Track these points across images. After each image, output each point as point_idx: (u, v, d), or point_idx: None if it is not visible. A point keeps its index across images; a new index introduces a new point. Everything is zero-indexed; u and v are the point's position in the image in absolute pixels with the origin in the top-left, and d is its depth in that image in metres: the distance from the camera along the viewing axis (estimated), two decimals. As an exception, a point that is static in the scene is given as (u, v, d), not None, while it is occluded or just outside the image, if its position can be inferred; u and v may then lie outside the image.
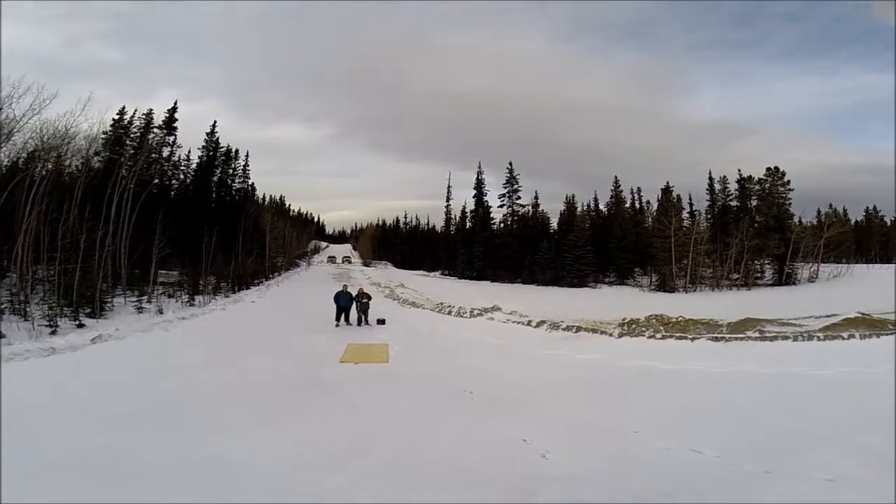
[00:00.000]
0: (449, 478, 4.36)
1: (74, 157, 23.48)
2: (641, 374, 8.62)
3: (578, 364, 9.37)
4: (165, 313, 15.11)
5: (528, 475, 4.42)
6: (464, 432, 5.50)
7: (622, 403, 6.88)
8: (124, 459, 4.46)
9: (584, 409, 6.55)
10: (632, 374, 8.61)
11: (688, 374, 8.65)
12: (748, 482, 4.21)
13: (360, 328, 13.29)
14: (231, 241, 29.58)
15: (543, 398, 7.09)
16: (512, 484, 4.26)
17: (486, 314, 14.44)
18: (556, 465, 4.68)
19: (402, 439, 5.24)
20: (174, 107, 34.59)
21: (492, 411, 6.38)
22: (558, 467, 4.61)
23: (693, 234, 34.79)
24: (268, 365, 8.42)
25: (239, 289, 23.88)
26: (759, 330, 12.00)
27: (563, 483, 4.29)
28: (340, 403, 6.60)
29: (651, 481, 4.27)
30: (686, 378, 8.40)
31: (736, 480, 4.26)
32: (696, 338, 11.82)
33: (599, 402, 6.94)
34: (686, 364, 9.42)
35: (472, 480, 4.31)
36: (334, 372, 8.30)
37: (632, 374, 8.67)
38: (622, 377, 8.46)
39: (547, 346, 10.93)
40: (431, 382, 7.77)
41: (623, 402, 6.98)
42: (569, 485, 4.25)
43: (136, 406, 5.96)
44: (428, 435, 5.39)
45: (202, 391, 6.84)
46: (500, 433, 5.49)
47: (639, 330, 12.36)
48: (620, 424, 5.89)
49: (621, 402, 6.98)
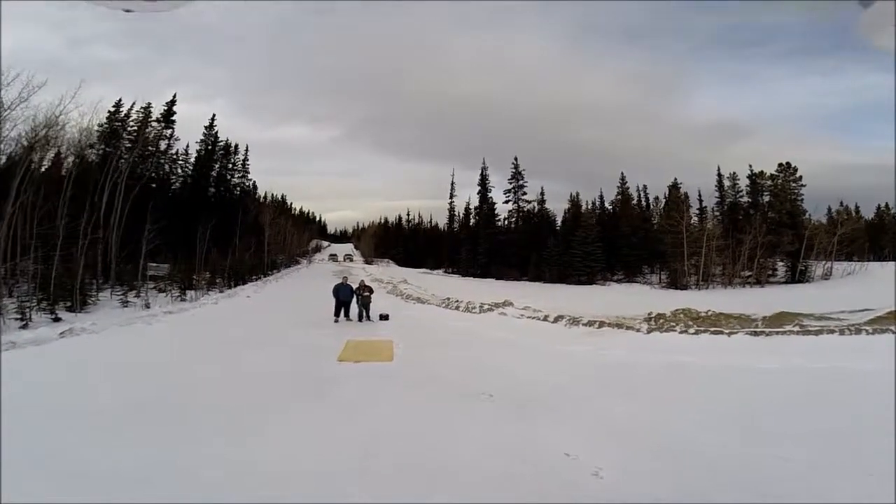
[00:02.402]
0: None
1: (67, 148, 22.59)
2: (680, 371, 7.59)
3: (607, 360, 8.29)
4: (152, 308, 14.10)
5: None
6: (491, 447, 4.40)
7: (668, 404, 5.89)
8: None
9: (627, 412, 5.50)
10: (670, 371, 7.58)
11: (731, 371, 7.68)
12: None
13: (361, 324, 12.22)
14: (229, 235, 28.61)
15: (576, 399, 6.04)
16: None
17: (497, 309, 13.34)
18: (618, 488, 3.59)
19: (413, 455, 4.16)
20: (173, 100, 33.60)
21: (520, 417, 5.30)
22: (622, 491, 3.53)
23: (705, 231, 33.64)
24: (253, 364, 7.33)
25: (235, 284, 22.89)
26: (799, 324, 10.96)
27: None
28: (337, 410, 5.52)
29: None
30: (730, 374, 7.46)
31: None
32: (732, 332, 10.76)
33: (642, 403, 5.91)
34: (726, 359, 8.45)
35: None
36: (331, 372, 7.21)
37: (669, 370, 7.64)
38: (660, 374, 7.42)
39: (568, 341, 9.84)
40: (443, 384, 6.69)
41: (669, 402, 5.98)
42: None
43: (77, 409, 4.89)
44: (446, 451, 4.29)
45: (169, 394, 5.76)
46: (536, 445, 4.42)
47: (668, 325, 11.29)
48: (676, 429, 4.90)
49: (667, 402, 5.99)
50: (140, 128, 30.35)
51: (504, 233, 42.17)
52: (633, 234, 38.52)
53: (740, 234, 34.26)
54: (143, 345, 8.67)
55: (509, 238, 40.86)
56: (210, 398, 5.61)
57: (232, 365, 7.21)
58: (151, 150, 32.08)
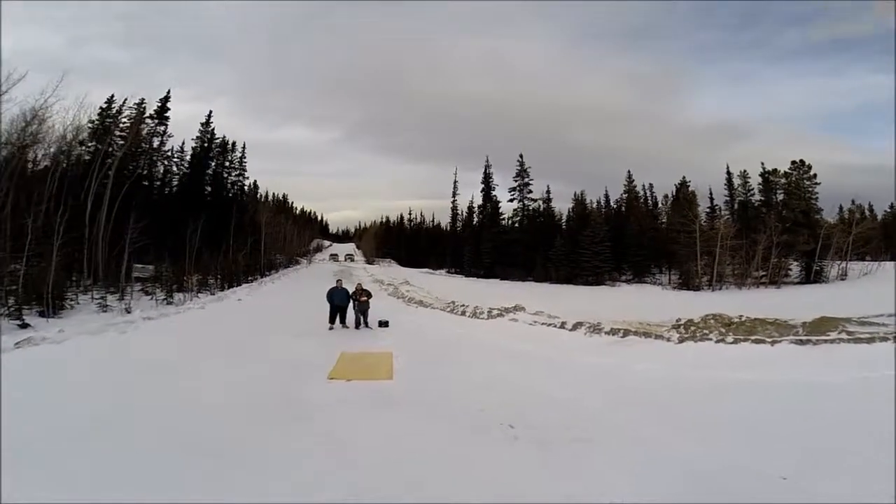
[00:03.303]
0: None
1: (49, 145, 21.56)
2: (734, 392, 6.42)
3: (642, 377, 7.12)
4: (133, 312, 12.99)
5: None
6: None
7: (735, 434, 4.78)
8: None
9: (687, 447, 4.38)
10: (721, 392, 6.40)
11: (792, 388, 6.56)
12: None
13: (358, 331, 11.07)
14: (223, 235, 27.51)
15: (617, 430, 4.91)
16: None
17: (507, 315, 12.18)
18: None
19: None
20: (167, 96, 32.56)
21: (552, 457, 4.20)
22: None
23: (720, 230, 32.38)
24: (223, 387, 6.17)
25: (229, 286, 21.77)
26: (844, 330, 9.80)
27: None
28: (321, 445, 4.39)
29: None
30: (794, 392, 6.32)
31: None
32: (775, 341, 9.60)
33: (702, 433, 4.81)
34: (778, 374, 7.32)
35: None
36: (320, 393, 6.06)
37: (720, 391, 6.47)
38: (711, 395, 6.25)
39: (591, 353, 8.66)
40: (453, 410, 5.54)
41: (735, 431, 4.87)
42: None
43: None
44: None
45: (118, 419, 4.64)
46: (578, 499, 3.28)
47: (701, 333, 10.12)
48: (760, 470, 3.76)
49: (731, 430, 4.89)
50: (133, 124, 29.31)
51: (508, 232, 40.98)
52: (643, 232, 37.30)
53: (753, 233, 33.13)
54: (103, 358, 7.53)
55: (514, 237, 39.68)
56: (161, 431, 4.48)
57: (199, 386, 6.06)
58: (144, 147, 31.04)
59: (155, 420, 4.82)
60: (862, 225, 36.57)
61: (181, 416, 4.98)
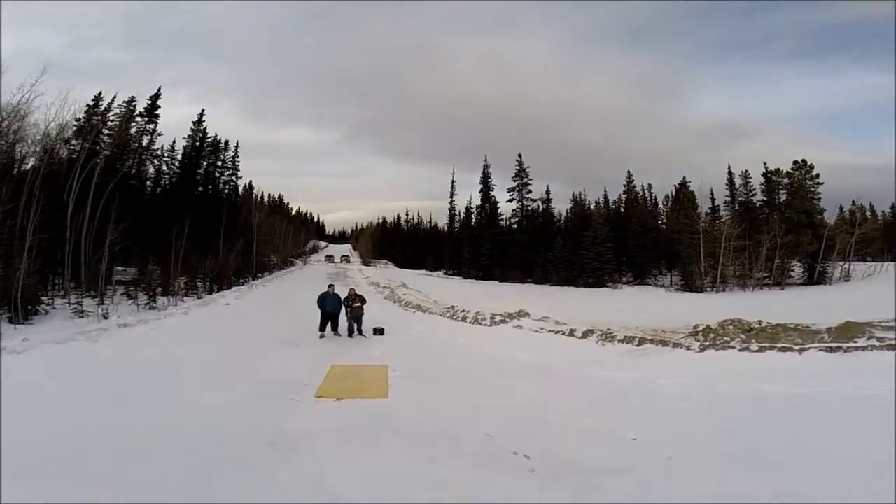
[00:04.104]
0: None
1: (33, 143, 20.70)
2: (778, 405, 5.72)
3: (669, 394, 6.35)
4: (110, 318, 12.13)
5: None
6: None
7: (806, 463, 3.98)
8: None
9: (751, 487, 3.60)
10: (765, 407, 5.68)
11: (846, 401, 5.84)
12: None
13: (350, 340, 10.26)
14: (213, 236, 26.61)
15: (659, 467, 4.13)
16: None
17: (511, 321, 11.40)
18: None
19: None
20: (157, 94, 31.66)
21: (581, 499, 3.41)
22: None
23: (724, 231, 31.75)
24: (197, 403, 5.39)
25: (219, 289, 20.89)
26: (874, 337, 9.13)
27: None
28: (303, 490, 3.60)
29: None
30: (852, 407, 5.57)
31: None
32: (802, 349, 8.91)
33: (759, 461, 4.05)
34: (818, 385, 6.68)
35: None
36: (304, 419, 5.25)
37: (764, 406, 5.74)
38: (757, 413, 5.48)
39: (607, 365, 7.90)
40: (458, 436, 4.76)
41: (803, 459, 4.08)
42: None
43: None
44: None
45: (58, 448, 3.81)
46: None
47: (721, 340, 9.40)
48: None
49: (797, 458, 4.09)
50: (121, 122, 28.44)
51: (508, 233, 40.21)
52: (645, 233, 36.64)
53: (756, 233, 32.61)
54: (62, 372, 6.69)
55: (514, 238, 38.89)
56: (103, 464, 3.66)
57: (161, 408, 5.25)
58: (134, 145, 30.15)
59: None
60: (865, 226, 36.22)
61: (122, 457, 4.07)
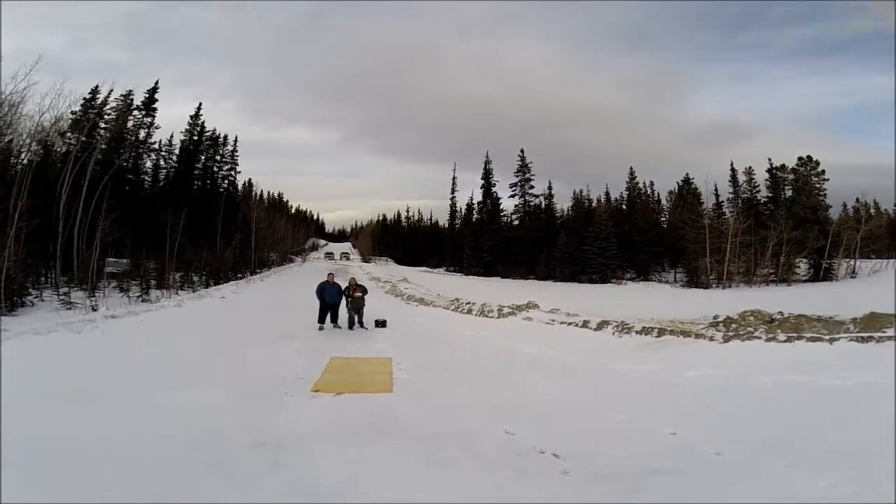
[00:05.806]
0: None
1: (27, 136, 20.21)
2: (823, 398, 5.10)
3: (697, 386, 5.79)
4: (100, 310, 11.59)
5: None
6: None
7: (878, 461, 3.39)
8: None
9: (823, 485, 3.04)
10: (808, 399, 5.07)
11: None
12: None
13: (351, 332, 9.71)
14: (210, 230, 26.10)
15: (713, 465, 3.54)
16: None
17: (520, 313, 10.84)
18: None
19: None
20: (154, 87, 31.15)
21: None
22: None
23: (731, 227, 31.25)
24: (176, 399, 4.82)
25: (214, 283, 20.35)
26: (902, 329, 8.55)
27: None
28: (294, 496, 3.04)
29: None
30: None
31: None
32: (833, 339, 8.34)
33: (818, 457, 3.48)
34: (862, 376, 5.97)
35: None
36: (298, 412, 4.69)
37: (805, 398, 5.14)
38: (795, 406, 4.89)
39: (627, 358, 7.34)
40: (474, 434, 4.20)
41: (875, 456, 3.48)
42: None
43: None
44: None
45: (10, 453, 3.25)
46: None
47: (745, 331, 8.84)
48: None
49: (867, 457, 3.51)
50: (118, 115, 27.93)
51: (510, 229, 39.67)
52: (650, 229, 36.16)
53: (762, 229, 32.20)
54: (33, 365, 6.11)
55: (516, 234, 38.36)
56: (71, 469, 3.10)
57: (135, 408, 4.68)
58: (130, 139, 29.63)
59: (68, 453, 3.43)
60: (871, 222, 35.93)
61: (85, 462, 3.52)
